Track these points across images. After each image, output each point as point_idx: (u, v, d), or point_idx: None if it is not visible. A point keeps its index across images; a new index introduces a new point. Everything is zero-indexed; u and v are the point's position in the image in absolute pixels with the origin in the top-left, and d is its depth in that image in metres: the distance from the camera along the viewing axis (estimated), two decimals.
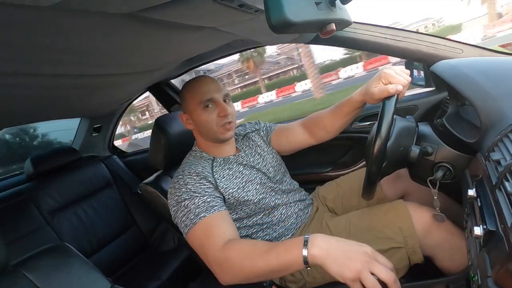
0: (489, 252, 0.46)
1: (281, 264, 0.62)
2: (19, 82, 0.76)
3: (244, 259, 0.66)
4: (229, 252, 0.69)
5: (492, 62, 0.89)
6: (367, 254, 0.56)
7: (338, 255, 0.57)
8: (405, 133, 0.80)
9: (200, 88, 0.90)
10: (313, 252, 0.59)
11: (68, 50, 0.64)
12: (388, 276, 0.54)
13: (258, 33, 0.99)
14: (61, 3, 0.42)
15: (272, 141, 1.09)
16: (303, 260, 0.59)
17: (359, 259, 0.56)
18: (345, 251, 0.57)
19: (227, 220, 0.78)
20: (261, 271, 0.65)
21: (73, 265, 0.73)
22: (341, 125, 0.98)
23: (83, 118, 1.77)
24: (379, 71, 0.80)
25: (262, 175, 0.98)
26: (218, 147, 0.96)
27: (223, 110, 0.89)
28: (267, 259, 0.63)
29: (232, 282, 0.71)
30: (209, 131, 0.92)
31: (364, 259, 0.56)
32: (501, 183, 0.47)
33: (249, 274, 0.66)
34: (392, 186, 1.04)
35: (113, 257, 1.49)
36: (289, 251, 0.61)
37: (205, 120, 0.90)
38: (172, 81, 1.67)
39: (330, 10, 0.53)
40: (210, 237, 0.73)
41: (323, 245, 0.59)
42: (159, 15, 0.58)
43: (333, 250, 0.58)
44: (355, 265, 0.55)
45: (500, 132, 0.59)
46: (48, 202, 1.40)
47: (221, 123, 0.90)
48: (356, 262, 0.55)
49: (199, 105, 0.90)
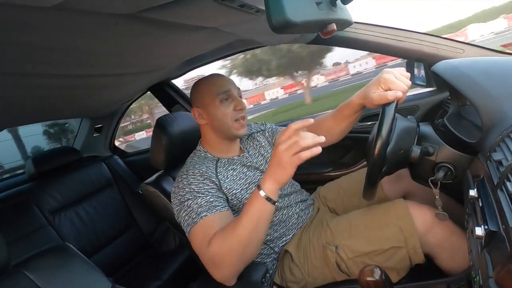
0: (490, 253, 0.46)
1: (253, 217, 0.69)
2: (20, 82, 0.76)
3: (226, 239, 0.70)
4: (213, 243, 0.71)
5: (493, 62, 0.88)
6: (281, 150, 0.65)
7: (275, 171, 0.67)
8: (406, 133, 0.80)
9: (217, 82, 0.93)
10: (267, 187, 0.68)
11: (69, 50, 0.64)
12: (301, 145, 0.63)
13: (259, 33, 0.99)
14: (61, 3, 0.42)
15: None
16: (266, 199, 0.68)
17: (284, 154, 0.64)
18: (275, 166, 0.67)
19: (228, 220, 0.78)
20: (245, 237, 0.69)
21: (74, 265, 0.73)
22: (343, 128, 0.97)
23: (84, 118, 1.78)
24: (380, 73, 0.79)
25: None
26: (225, 144, 0.96)
27: (239, 103, 0.92)
28: (241, 223, 0.69)
29: (228, 273, 0.72)
30: (224, 125, 0.92)
31: (284, 154, 0.64)
32: (503, 183, 0.47)
33: (238, 250, 0.69)
34: (393, 186, 1.04)
35: (114, 257, 1.49)
36: (252, 203, 0.69)
37: (222, 112, 0.91)
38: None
39: (331, 10, 0.53)
40: (206, 236, 0.73)
41: (267, 178, 0.69)
42: (160, 16, 0.58)
43: (271, 173, 0.68)
44: (286, 160, 0.64)
45: (501, 132, 0.59)
46: (49, 202, 1.40)
47: (237, 117, 0.92)
48: (285, 157, 0.64)
49: (217, 98, 0.91)
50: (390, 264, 0.81)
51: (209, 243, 0.72)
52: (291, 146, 0.64)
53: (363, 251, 0.83)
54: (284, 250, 0.94)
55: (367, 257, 0.83)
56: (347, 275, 0.86)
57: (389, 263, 0.81)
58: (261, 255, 0.93)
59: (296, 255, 0.92)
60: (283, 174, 0.66)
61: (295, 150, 0.63)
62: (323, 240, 0.90)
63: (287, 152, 0.64)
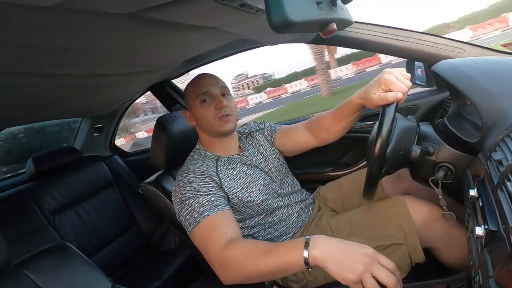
0: (490, 252, 0.46)
1: (281, 265, 0.62)
2: (20, 82, 0.76)
3: (245, 259, 0.66)
4: (231, 252, 0.69)
5: (494, 62, 0.88)
6: (368, 256, 0.56)
7: (340, 257, 0.57)
8: (406, 133, 0.80)
9: (198, 83, 0.93)
10: (314, 254, 0.58)
11: (69, 50, 0.64)
12: (389, 279, 0.54)
13: (259, 33, 0.99)
14: (61, 3, 0.41)
15: (276, 141, 1.09)
16: (304, 262, 0.59)
17: (361, 261, 0.55)
18: (347, 253, 0.57)
19: (230, 219, 0.78)
20: (262, 272, 0.65)
21: (74, 265, 0.73)
22: (343, 127, 0.97)
23: (85, 118, 1.78)
24: (381, 74, 0.78)
25: (265, 175, 0.98)
26: (221, 142, 0.97)
27: (219, 103, 0.91)
28: (267, 259, 0.63)
29: (233, 282, 0.71)
30: (208, 125, 0.93)
31: (366, 261, 0.55)
32: (503, 183, 0.47)
33: (250, 274, 0.67)
34: (393, 186, 1.04)
35: (114, 257, 1.49)
36: (290, 253, 0.61)
37: (203, 114, 0.92)
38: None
39: (331, 9, 0.53)
40: (213, 236, 0.73)
41: (324, 247, 0.59)
42: (160, 15, 0.58)
43: (334, 251, 0.58)
44: (357, 267, 0.55)
45: (501, 132, 0.59)
46: (49, 201, 1.40)
47: (218, 116, 0.91)
48: (357, 264, 0.55)
49: (197, 100, 0.92)
50: None
51: (226, 247, 0.70)
52: (380, 269, 0.54)
53: None
54: None
55: None
56: None
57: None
58: None
59: None
60: (340, 267, 0.56)
61: (380, 275, 0.54)
62: None
63: (372, 266, 0.55)
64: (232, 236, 0.73)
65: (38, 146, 2.18)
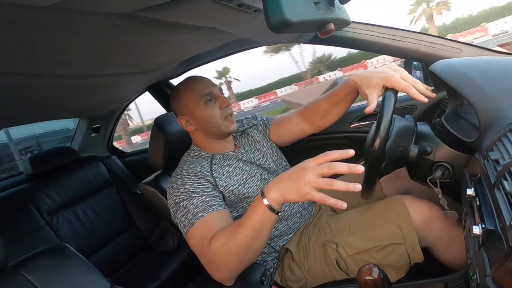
0: (487, 251, 0.46)
1: (255, 225, 0.66)
2: (19, 82, 0.76)
3: (227, 242, 0.68)
4: (214, 244, 0.70)
5: (491, 62, 0.89)
6: (306, 166, 0.60)
7: (287, 183, 0.62)
8: (404, 133, 0.80)
9: (197, 85, 0.92)
10: (271, 196, 0.63)
11: (67, 50, 0.64)
12: (333, 168, 0.58)
13: (257, 33, 0.99)
14: (60, 2, 0.41)
15: (271, 134, 1.09)
16: (268, 208, 0.64)
17: (303, 174, 0.59)
18: (290, 177, 0.62)
19: (225, 219, 0.78)
20: (245, 243, 0.67)
21: (72, 266, 0.73)
22: (338, 112, 0.99)
23: (82, 118, 1.77)
24: (386, 68, 0.81)
25: (263, 170, 0.98)
26: (217, 143, 0.96)
27: (224, 101, 0.91)
28: (243, 229, 0.67)
29: (228, 275, 0.71)
30: (214, 126, 0.92)
31: (307, 172, 0.59)
32: (500, 182, 0.47)
33: (237, 254, 0.68)
34: (392, 186, 1.04)
35: (112, 257, 1.49)
36: (255, 210, 0.65)
37: (209, 114, 0.91)
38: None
39: (329, 9, 0.53)
40: (205, 237, 0.73)
41: (274, 186, 0.64)
42: (158, 15, 0.58)
43: (282, 183, 0.63)
44: (304, 181, 0.59)
45: (498, 131, 0.59)
46: (47, 202, 1.39)
47: (225, 115, 0.92)
48: (302, 178, 0.59)
49: (200, 101, 0.90)
50: (389, 262, 0.82)
51: (209, 244, 0.71)
52: (321, 166, 0.59)
53: (362, 248, 0.84)
54: (285, 249, 0.95)
55: (366, 254, 0.83)
56: (346, 274, 0.86)
57: (388, 261, 0.82)
58: (262, 254, 0.93)
59: (296, 254, 0.92)
60: (292, 190, 0.60)
61: (325, 171, 0.58)
62: (323, 238, 0.90)
63: (314, 171, 0.59)
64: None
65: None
